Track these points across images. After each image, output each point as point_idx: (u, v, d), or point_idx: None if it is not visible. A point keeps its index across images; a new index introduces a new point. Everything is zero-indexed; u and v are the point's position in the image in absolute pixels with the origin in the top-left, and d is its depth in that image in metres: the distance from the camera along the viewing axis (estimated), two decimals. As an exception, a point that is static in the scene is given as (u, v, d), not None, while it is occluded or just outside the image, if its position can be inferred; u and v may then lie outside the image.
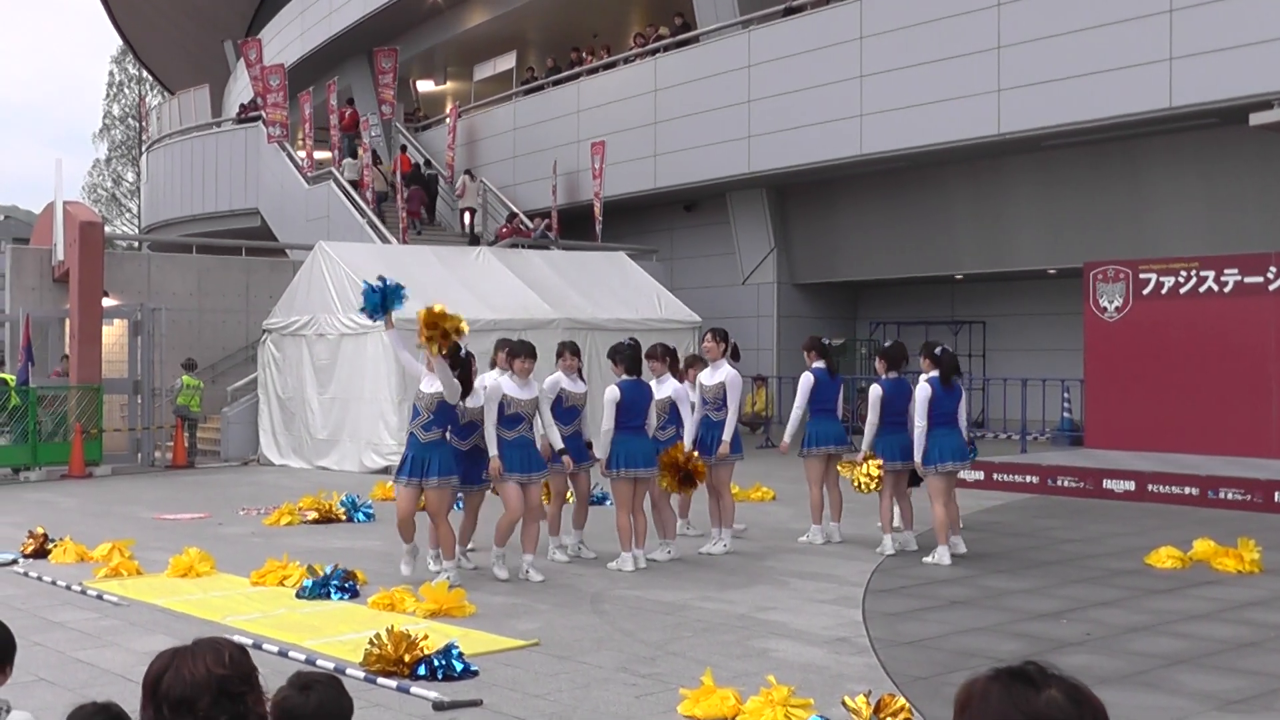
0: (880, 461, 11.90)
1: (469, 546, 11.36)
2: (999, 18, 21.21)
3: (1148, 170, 22.53)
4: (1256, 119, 18.54)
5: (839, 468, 12.40)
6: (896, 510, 12.14)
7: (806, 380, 12.52)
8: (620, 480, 11.09)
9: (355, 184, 31.65)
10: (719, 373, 11.93)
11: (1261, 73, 18.14)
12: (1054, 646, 8.10)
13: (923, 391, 11.44)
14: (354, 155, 32.64)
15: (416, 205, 30.82)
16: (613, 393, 11.06)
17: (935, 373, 11.52)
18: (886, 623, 8.87)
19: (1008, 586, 10.15)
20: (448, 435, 10.46)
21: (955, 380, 11.65)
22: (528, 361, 10.80)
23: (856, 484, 12.00)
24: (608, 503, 13.69)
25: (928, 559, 11.38)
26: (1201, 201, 22.01)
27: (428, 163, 34.69)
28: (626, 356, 11.22)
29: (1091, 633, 8.50)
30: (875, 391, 12.04)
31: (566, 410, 11.16)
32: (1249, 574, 10.66)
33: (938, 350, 11.71)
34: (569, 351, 11.30)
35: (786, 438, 12.47)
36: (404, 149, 33.90)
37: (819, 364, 12.59)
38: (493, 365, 11.37)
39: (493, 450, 10.54)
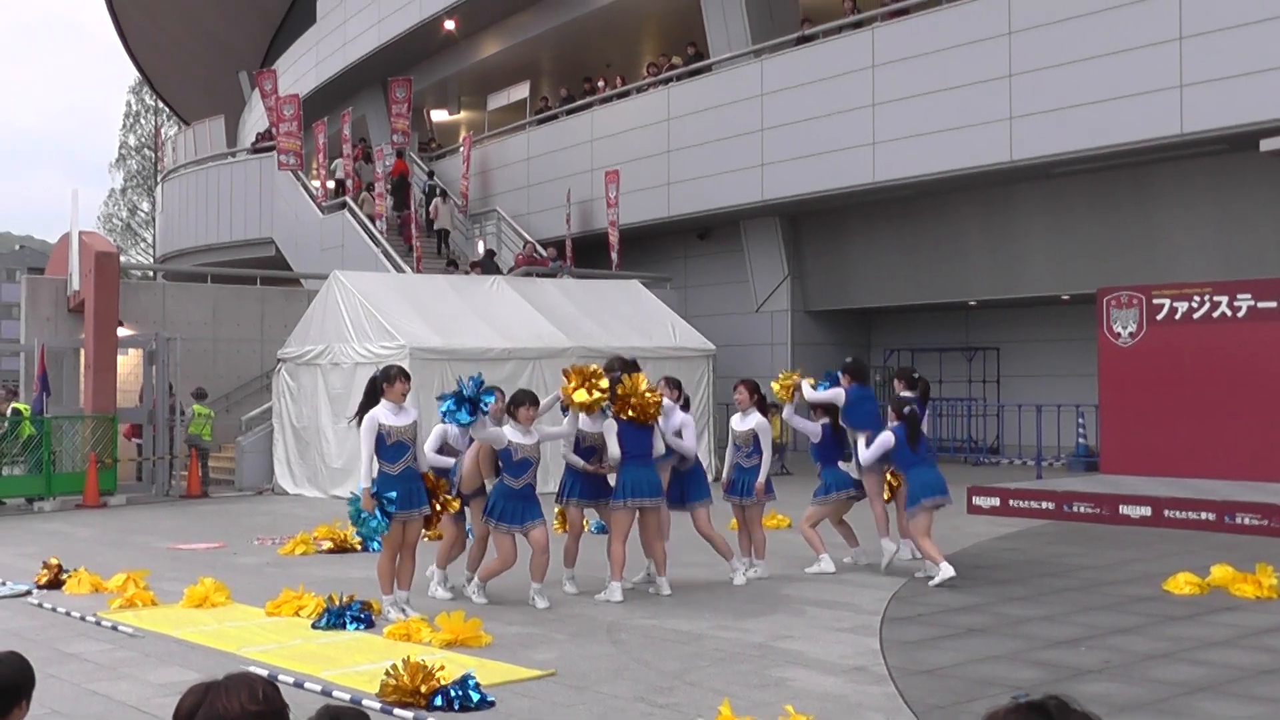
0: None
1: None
2: (1010, 46, 21.25)
3: (1160, 196, 22.52)
4: (1267, 145, 18.56)
5: None
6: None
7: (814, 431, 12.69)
8: (623, 510, 11.07)
9: (343, 183, 32.12)
10: (674, 419, 11.81)
11: (1271, 99, 18.15)
12: (1072, 674, 8.07)
13: (885, 439, 11.87)
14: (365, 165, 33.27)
15: (409, 229, 30.97)
16: (612, 425, 11.06)
17: (899, 424, 11.84)
18: (904, 651, 8.84)
19: (1025, 614, 10.11)
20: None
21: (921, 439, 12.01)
22: (531, 410, 10.74)
23: None
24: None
25: (933, 581, 11.41)
26: (1213, 227, 21.99)
27: (431, 174, 34.92)
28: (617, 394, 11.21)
29: (1110, 660, 8.46)
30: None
31: (518, 463, 10.69)
32: (1268, 600, 10.61)
33: (906, 410, 11.97)
34: (529, 402, 10.82)
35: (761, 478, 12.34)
36: (399, 154, 34.03)
37: (825, 421, 12.69)
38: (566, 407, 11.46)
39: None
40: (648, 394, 11.08)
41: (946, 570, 11.38)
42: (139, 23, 55.63)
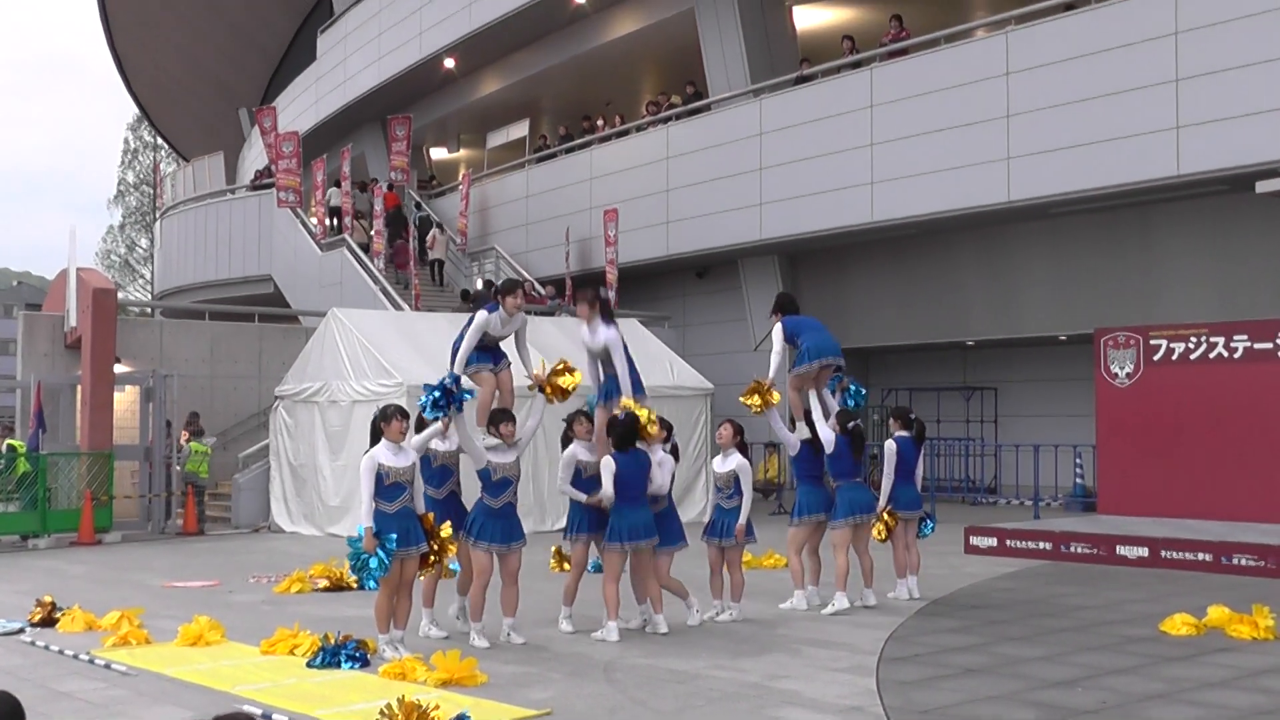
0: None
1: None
2: (1008, 86, 21.33)
3: (1157, 237, 22.58)
4: (1263, 186, 18.60)
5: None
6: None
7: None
8: (617, 552, 11.01)
9: (338, 210, 32.28)
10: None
11: (1267, 141, 18.21)
12: (1069, 715, 8.03)
13: (829, 437, 12.46)
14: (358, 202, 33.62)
15: (405, 258, 31.14)
16: (609, 463, 11.04)
17: (844, 437, 12.50)
18: (901, 691, 8.81)
19: (1022, 654, 10.08)
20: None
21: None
22: (510, 426, 10.81)
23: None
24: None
25: (783, 604, 12.52)
26: (1210, 268, 22.04)
27: (419, 205, 35.06)
28: (618, 432, 11.17)
29: (1107, 701, 8.43)
30: (891, 446, 13.36)
31: (497, 482, 10.78)
32: (1264, 641, 10.59)
33: (850, 425, 12.61)
34: (508, 420, 10.92)
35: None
36: (390, 186, 34.18)
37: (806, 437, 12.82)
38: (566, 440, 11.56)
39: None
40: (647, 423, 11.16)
41: (799, 601, 12.42)
42: (139, 60, 55.90)
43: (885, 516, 13.12)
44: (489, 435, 10.85)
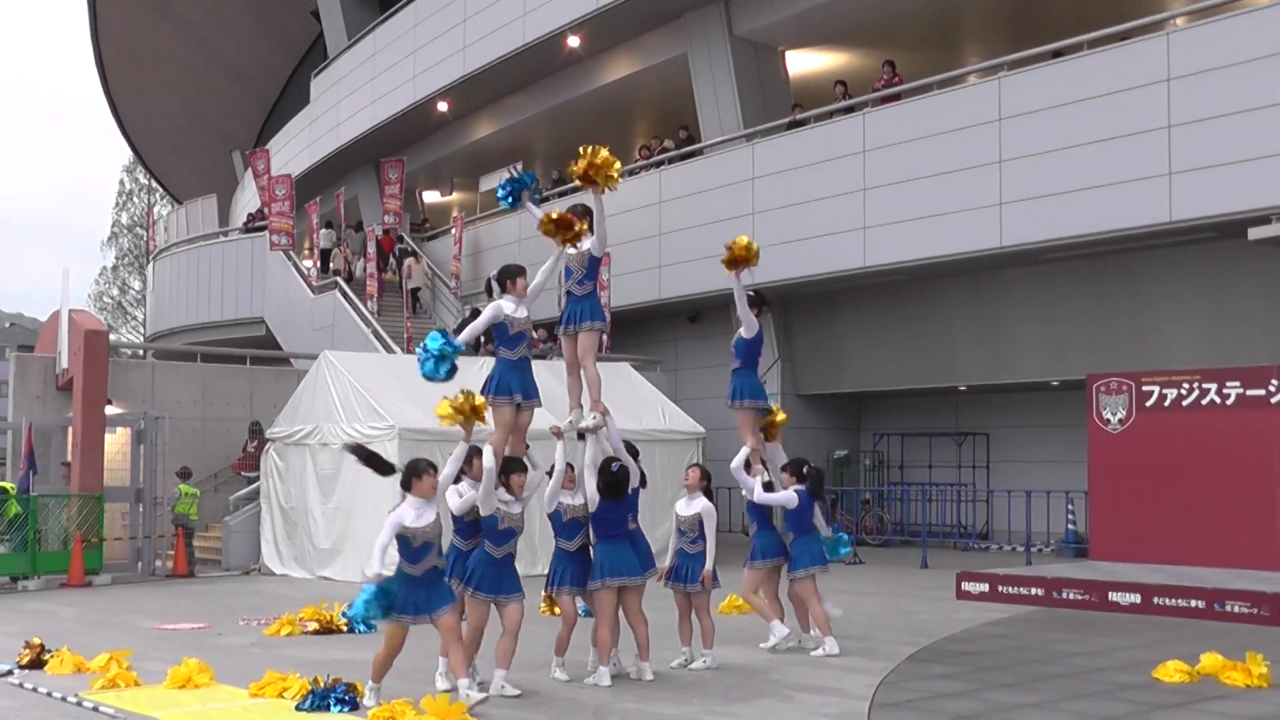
0: None
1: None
2: (1000, 132, 21.43)
3: (1149, 283, 22.62)
4: (1255, 233, 18.67)
5: None
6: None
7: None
8: (603, 591, 10.95)
9: (327, 253, 32.42)
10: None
11: (1259, 188, 18.29)
12: (1062, 763, 8.00)
13: (788, 498, 12.71)
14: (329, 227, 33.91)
15: (379, 287, 31.61)
16: (595, 497, 11.01)
17: (803, 487, 12.73)
18: (892, 738, 8.78)
19: (1014, 700, 10.04)
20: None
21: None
22: (521, 477, 10.65)
23: None
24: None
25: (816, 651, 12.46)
26: (1202, 314, 22.07)
27: (400, 238, 35.41)
28: (606, 481, 11.10)
29: (1100, 749, 8.40)
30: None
31: (502, 532, 10.60)
32: (1258, 689, 10.55)
33: (806, 470, 12.90)
34: (520, 469, 10.80)
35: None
36: (387, 232, 34.40)
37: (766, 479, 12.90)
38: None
39: None
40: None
41: (779, 630, 12.61)
42: (133, 103, 56.11)
43: None
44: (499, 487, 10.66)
